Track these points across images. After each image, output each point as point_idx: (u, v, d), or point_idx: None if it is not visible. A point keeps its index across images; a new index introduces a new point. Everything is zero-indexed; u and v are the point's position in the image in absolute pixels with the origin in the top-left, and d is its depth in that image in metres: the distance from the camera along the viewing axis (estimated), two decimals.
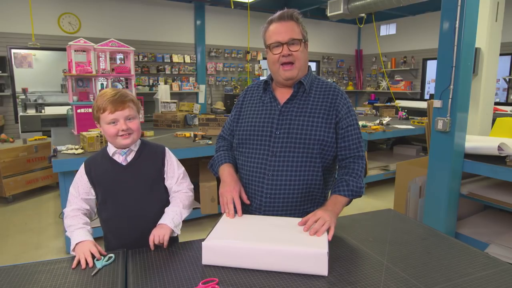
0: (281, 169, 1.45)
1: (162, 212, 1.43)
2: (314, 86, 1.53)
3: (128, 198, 1.41)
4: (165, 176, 1.48)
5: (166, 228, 1.34)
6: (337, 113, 1.48)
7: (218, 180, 1.57)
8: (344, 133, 1.49)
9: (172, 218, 1.37)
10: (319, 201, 1.54)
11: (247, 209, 1.56)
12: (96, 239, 1.31)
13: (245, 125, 1.55)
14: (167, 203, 1.47)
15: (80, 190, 1.43)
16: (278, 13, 1.48)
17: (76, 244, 1.27)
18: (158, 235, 1.31)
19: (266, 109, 1.53)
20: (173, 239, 1.38)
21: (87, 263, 1.19)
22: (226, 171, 1.54)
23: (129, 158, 1.44)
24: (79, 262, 1.20)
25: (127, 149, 1.43)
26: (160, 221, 1.38)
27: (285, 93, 1.53)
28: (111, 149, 1.44)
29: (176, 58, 7.96)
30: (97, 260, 1.22)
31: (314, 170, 1.46)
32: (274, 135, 1.47)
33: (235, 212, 1.39)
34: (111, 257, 1.24)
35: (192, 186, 1.53)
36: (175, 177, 1.48)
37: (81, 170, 1.45)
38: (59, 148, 3.15)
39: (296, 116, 1.47)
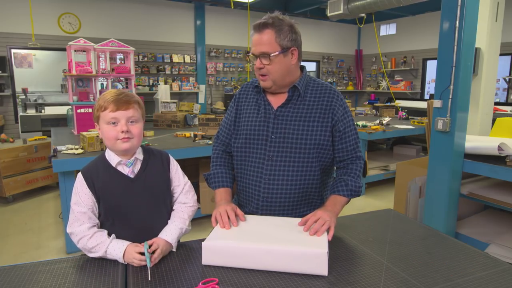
0: (277, 173, 1.44)
1: None
2: (310, 88, 1.51)
3: (138, 213, 1.30)
4: (171, 183, 1.38)
5: (168, 247, 1.26)
6: (333, 116, 1.46)
7: None
8: (341, 135, 1.48)
9: (177, 236, 1.31)
10: (316, 203, 1.54)
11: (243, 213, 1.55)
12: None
13: (243, 129, 1.53)
14: None
15: (86, 203, 1.25)
16: (257, 21, 1.41)
17: (123, 255, 1.20)
18: (162, 252, 1.22)
19: (261, 113, 1.51)
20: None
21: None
22: (223, 198, 1.50)
23: (136, 170, 1.31)
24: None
25: (133, 158, 1.30)
26: (166, 236, 1.27)
27: (278, 96, 1.50)
28: (113, 159, 1.28)
29: (176, 58, 7.96)
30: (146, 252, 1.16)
31: (312, 173, 1.46)
32: (270, 139, 1.46)
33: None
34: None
35: (196, 197, 1.46)
36: (181, 185, 1.40)
37: (81, 184, 1.26)
38: (59, 148, 3.15)
39: (291, 121, 1.46)
